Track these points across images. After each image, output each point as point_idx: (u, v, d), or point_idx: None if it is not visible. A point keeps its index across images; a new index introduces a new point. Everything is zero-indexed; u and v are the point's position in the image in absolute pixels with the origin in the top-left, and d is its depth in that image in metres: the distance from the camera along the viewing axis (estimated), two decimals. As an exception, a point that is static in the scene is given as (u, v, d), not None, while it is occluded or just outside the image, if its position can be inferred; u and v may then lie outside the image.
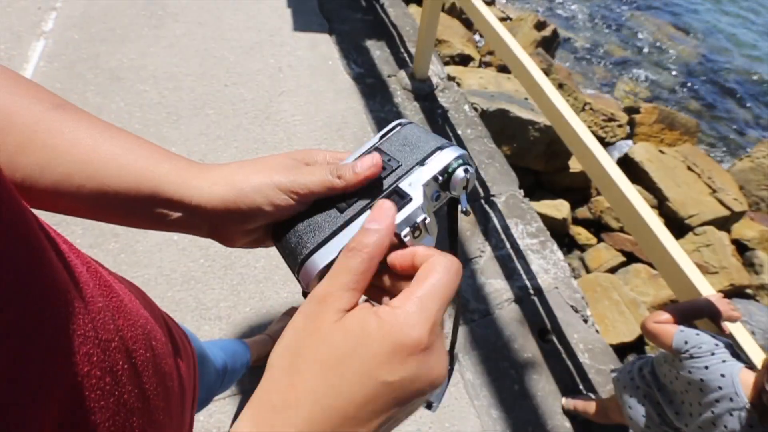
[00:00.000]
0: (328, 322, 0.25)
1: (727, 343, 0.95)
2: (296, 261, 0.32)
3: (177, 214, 0.34)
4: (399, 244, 0.30)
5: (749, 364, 0.93)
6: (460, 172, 0.33)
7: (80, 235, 1.63)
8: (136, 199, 0.33)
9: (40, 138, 0.31)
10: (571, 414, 1.43)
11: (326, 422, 0.23)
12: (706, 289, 1.05)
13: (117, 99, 2.10)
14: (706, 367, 0.93)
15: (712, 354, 0.93)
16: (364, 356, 0.23)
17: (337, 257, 0.29)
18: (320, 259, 0.31)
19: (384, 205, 0.28)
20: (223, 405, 1.34)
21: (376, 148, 0.36)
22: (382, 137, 0.37)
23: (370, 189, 0.33)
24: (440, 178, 0.33)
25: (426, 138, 0.35)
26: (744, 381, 0.88)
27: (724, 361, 0.92)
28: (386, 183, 0.33)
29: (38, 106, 0.32)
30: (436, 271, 0.26)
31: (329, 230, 0.32)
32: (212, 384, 0.89)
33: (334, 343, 0.24)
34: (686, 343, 0.97)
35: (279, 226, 0.34)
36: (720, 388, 0.90)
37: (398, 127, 0.37)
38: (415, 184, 0.32)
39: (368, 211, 0.31)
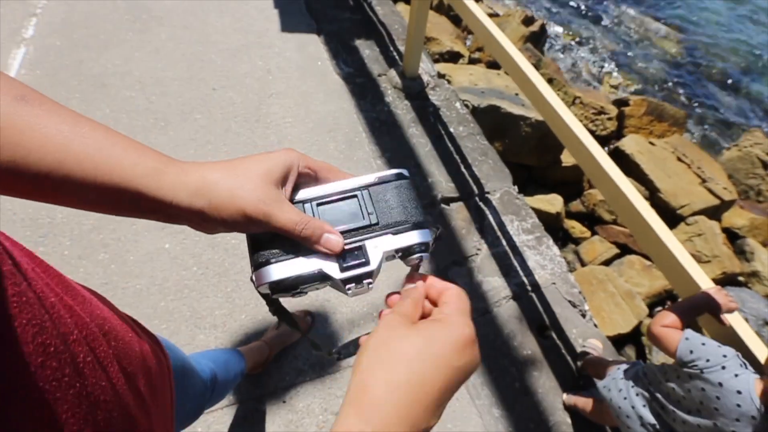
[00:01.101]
0: (406, 328, 0.33)
1: (734, 353, 0.92)
2: (258, 261, 0.36)
3: (158, 212, 0.35)
4: (343, 289, 0.37)
5: (758, 370, 0.90)
6: (414, 258, 0.38)
7: (68, 246, 1.59)
8: (116, 196, 0.33)
9: (6, 135, 0.29)
10: (571, 410, 1.42)
11: (419, 402, 0.29)
12: (702, 278, 1.05)
13: (103, 106, 2.06)
14: (721, 384, 0.89)
15: (723, 368, 0.89)
16: (439, 352, 0.31)
17: (291, 276, 0.35)
18: (278, 271, 0.35)
19: (415, 278, 0.38)
20: (221, 416, 1.32)
21: (365, 189, 0.39)
22: (378, 180, 0.40)
23: (344, 229, 0.37)
24: (400, 253, 0.38)
25: (410, 208, 0.39)
26: (759, 392, 0.85)
27: (736, 375, 0.88)
28: (358, 233, 0.37)
29: (1, 98, 0.30)
30: (458, 295, 0.36)
31: (296, 251, 0.36)
32: (200, 395, 0.88)
33: (416, 345, 0.31)
34: (691, 353, 0.94)
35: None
36: (739, 405, 0.86)
37: (396, 179, 0.40)
38: (379, 248, 0.37)
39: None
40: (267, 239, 0.36)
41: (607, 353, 1.57)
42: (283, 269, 0.35)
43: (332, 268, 0.36)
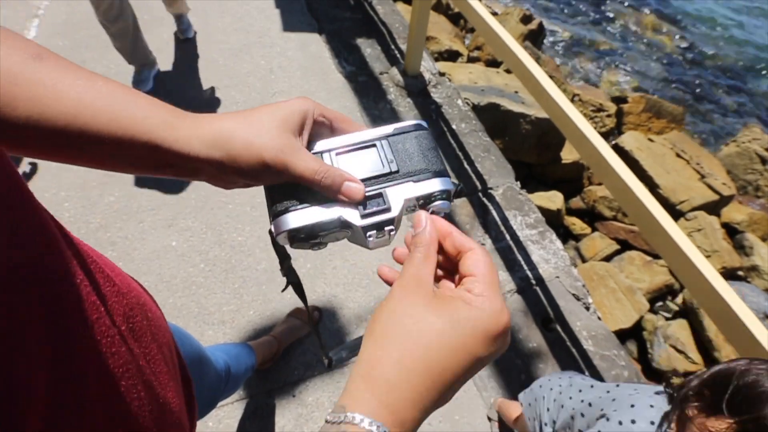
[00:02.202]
0: (423, 307, 0.30)
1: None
2: (277, 210, 0.35)
3: (174, 166, 0.34)
4: (364, 239, 0.35)
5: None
6: (438, 204, 0.37)
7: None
8: (132, 150, 0.32)
9: (23, 91, 0.29)
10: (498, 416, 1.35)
11: (434, 387, 0.28)
12: (708, 270, 1.06)
13: (106, 106, 2.07)
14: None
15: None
16: (466, 341, 0.29)
17: (310, 224, 0.34)
18: (296, 219, 0.34)
19: (422, 216, 0.34)
20: (232, 410, 1.33)
21: (384, 138, 0.38)
22: (397, 131, 0.39)
23: (363, 177, 0.36)
24: (421, 201, 0.37)
25: (431, 157, 0.38)
26: None
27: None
28: (378, 181, 0.36)
29: (17, 57, 0.30)
30: (486, 263, 0.32)
31: (314, 199, 0.35)
32: (214, 385, 0.89)
33: (433, 323, 0.29)
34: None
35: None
36: None
37: (415, 130, 0.39)
38: (399, 195, 0.36)
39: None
40: (285, 190, 0.35)
41: (610, 345, 1.58)
42: (302, 217, 0.34)
43: (353, 215, 0.35)
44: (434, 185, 0.37)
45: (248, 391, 1.36)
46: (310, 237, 0.35)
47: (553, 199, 3.04)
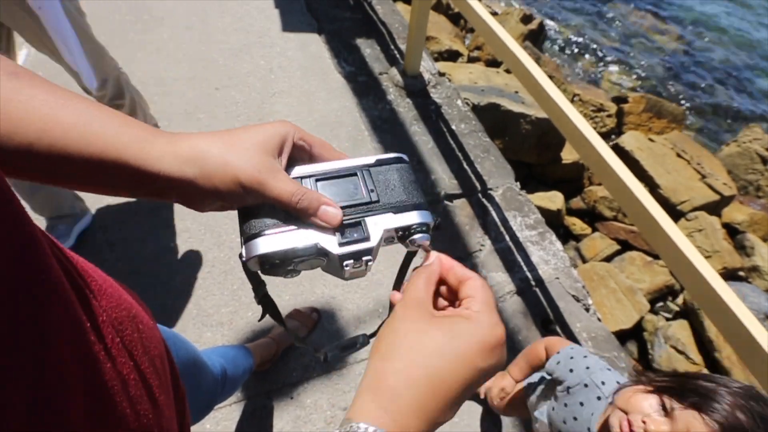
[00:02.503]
0: (424, 323, 0.32)
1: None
2: (249, 232, 0.34)
3: (145, 185, 0.33)
4: (337, 266, 0.35)
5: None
6: (417, 237, 0.37)
7: (75, 246, 1.60)
8: (102, 167, 0.31)
9: None
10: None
11: (435, 398, 0.29)
12: (708, 271, 1.06)
13: (105, 106, 2.06)
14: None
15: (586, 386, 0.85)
16: (464, 352, 0.30)
17: (282, 250, 0.33)
18: (267, 245, 0.33)
19: (432, 254, 0.37)
20: (229, 412, 1.32)
21: (366, 168, 0.38)
22: (378, 162, 0.39)
23: (344, 205, 0.36)
24: (400, 233, 0.37)
25: (411, 189, 0.38)
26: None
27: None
28: (357, 209, 0.36)
29: None
30: (483, 287, 0.35)
31: (290, 224, 0.34)
32: (211, 390, 0.88)
33: (433, 336, 0.31)
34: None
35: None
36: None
37: (397, 163, 0.39)
38: (378, 225, 0.36)
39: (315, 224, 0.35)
40: (260, 212, 0.34)
41: (610, 347, 1.58)
42: (276, 242, 0.33)
43: (330, 243, 0.34)
44: (414, 218, 0.37)
45: (246, 393, 1.36)
46: (284, 264, 0.34)
47: (554, 199, 3.03)
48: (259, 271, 0.36)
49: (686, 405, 0.65)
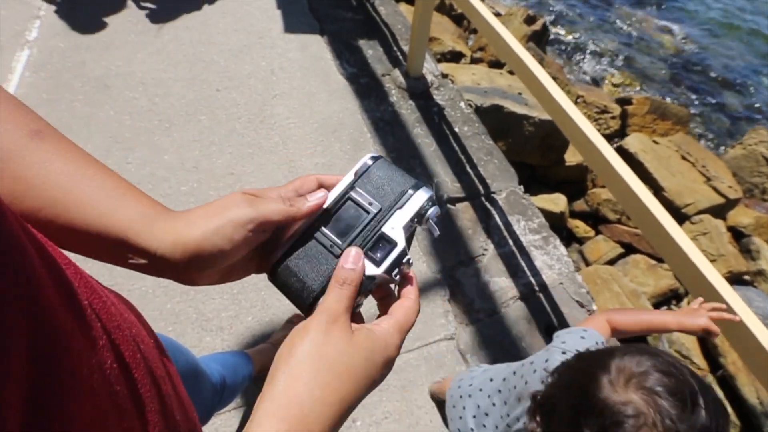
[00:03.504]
0: (342, 335, 0.32)
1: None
2: (305, 302, 0.36)
3: (142, 261, 0.34)
4: (390, 279, 0.37)
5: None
6: (431, 213, 0.39)
7: (73, 248, 1.59)
8: (103, 242, 0.33)
9: (11, 168, 0.30)
10: (435, 399, 1.36)
11: (340, 410, 0.30)
12: (713, 275, 1.04)
13: (106, 107, 2.05)
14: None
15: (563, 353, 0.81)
16: (370, 366, 0.32)
17: None
18: None
19: (354, 251, 0.36)
20: (228, 418, 1.31)
21: (352, 188, 0.39)
22: (356, 175, 0.40)
23: (357, 232, 0.37)
24: (416, 219, 0.38)
25: (399, 178, 0.39)
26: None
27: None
28: (371, 227, 0.37)
29: (15, 133, 0.31)
30: (409, 309, 0.36)
31: (329, 273, 0.36)
32: (209, 400, 0.87)
33: (351, 356, 0.31)
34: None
35: (274, 265, 0.38)
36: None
37: (371, 164, 0.41)
38: (396, 227, 0.37)
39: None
40: (296, 282, 0.37)
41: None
42: None
43: (371, 269, 0.36)
44: (418, 200, 0.38)
45: (246, 399, 1.34)
46: None
47: (557, 202, 3.01)
48: None
49: None
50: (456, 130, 2.21)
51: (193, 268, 0.34)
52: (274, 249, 0.38)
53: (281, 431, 0.28)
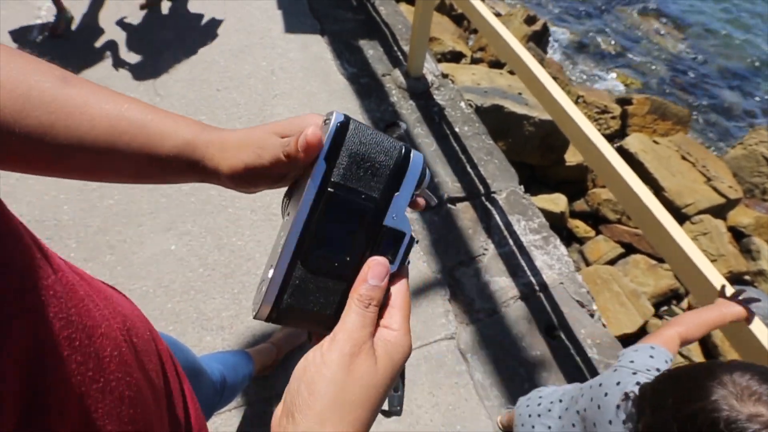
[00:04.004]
0: (367, 368, 0.28)
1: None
2: (326, 332, 0.30)
3: (210, 177, 0.35)
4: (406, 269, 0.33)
5: None
6: (426, 180, 0.33)
7: (74, 248, 1.59)
8: (167, 165, 0.35)
9: (58, 119, 0.31)
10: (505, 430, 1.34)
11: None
12: (714, 275, 1.04)
13: (106, 107, 2.06)
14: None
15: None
16: (392, 381, 0.29)
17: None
18: None
19: (380, 263, 0.31)
20: (229, 417, 1.31)
21: (331, 182, 0.30)
22: (328, 160, 0.30)
23: (361, 240, 0.31)
24: (414, 196, 0.33)
25: (379, 145, 0.31)
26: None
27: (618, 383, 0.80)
28: (371, 228, 0.31)
29: (47, 83, 0.32)
30: (406, 292, 0.32)
31: (341, 298, 0.31)
32: (209, 398, 0.87)
33: (377, 387, 0.28)
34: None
35: (270, 313, 0.31)
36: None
37: (344, 133, 0.30)
38: (399, 215, 0.32)
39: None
40: (308, 318, 0.32)
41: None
42: None
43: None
44: (413, 173, 0.32)
45: (247, 399, 1.34)
46: None
47: (557, 202, 3.01)
48: None
49: None
50: (456, 130, 2.21)
51: (248, 183, 0.34)
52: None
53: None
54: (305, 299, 0.31)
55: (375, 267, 0.31)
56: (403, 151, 0.31)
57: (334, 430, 0.26)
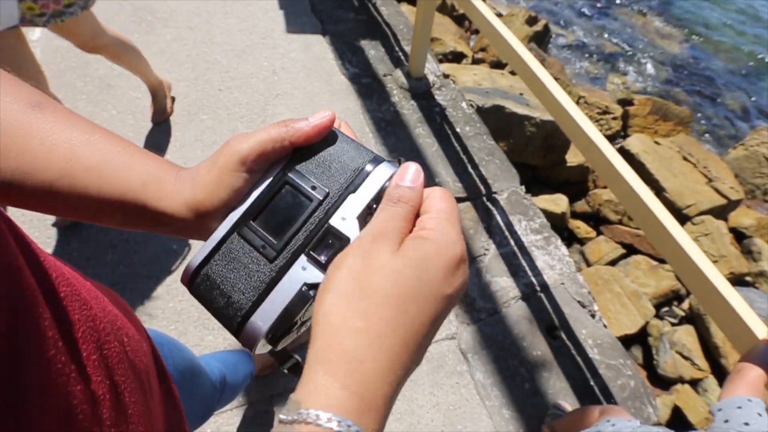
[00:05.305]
0: (388, 254, 0.25)
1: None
2: (232, 322, 0.29)
3: (163, 224, 0.33)
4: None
5: None
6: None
7: (76, 247, 1.59)
8: (119, 209, 0.32)
9: (17, 143, 0.29)
10: None
11: (407, 349, 0.24)
12: (717, 277, 1.04)
13: (109, 107, 2.06)
14: None
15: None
16: (430, 279, 0.25)
17: (279, 315, 0.28)
18: (263, 320, 0.28)
19: (411, 168, 0.29)
20: (230, 417, 1.31)
21: (289, 168, 0.30)
22: (294, 151, 0.31)
23: (297, 227, 0.29)
24: (374, 206, 0.29)
25: (348, 150, 0.30)
26: None
27: None
28: (315, 219, 0.29)
29: (14, 105, 0.30)
30: (442, 197, 0.28)
31: (262, 284, 0.28)
32: (209, 397, 0.87)
33: (402, 273, 0.25)
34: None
35: (191, 276, 0.30)
36: None
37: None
38: (348, 217, 0.29)
39: (302, 256, 0.28)
40: (219, 297, 0.29)
41: (616, 354, 1.56)
42: (268, 311, 0.28)
43: (314, 274, 0.28)
44: (377, 180, 0.29)
45: (248, 398, 1.34)
46: (290, 326, 0.29)
47: (558, 202, 3.01)
48: (265, 349, 0.30)
49: None
50: (458, 130, 2.22)
51: (206, 223, 0.32)
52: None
53: (326, 387, 0.23)
54: (227, 270, 0.29)
55: (404, 170, 0.29)
56: (370, 157, 0.30)
57: (342, 321, 0.24)
